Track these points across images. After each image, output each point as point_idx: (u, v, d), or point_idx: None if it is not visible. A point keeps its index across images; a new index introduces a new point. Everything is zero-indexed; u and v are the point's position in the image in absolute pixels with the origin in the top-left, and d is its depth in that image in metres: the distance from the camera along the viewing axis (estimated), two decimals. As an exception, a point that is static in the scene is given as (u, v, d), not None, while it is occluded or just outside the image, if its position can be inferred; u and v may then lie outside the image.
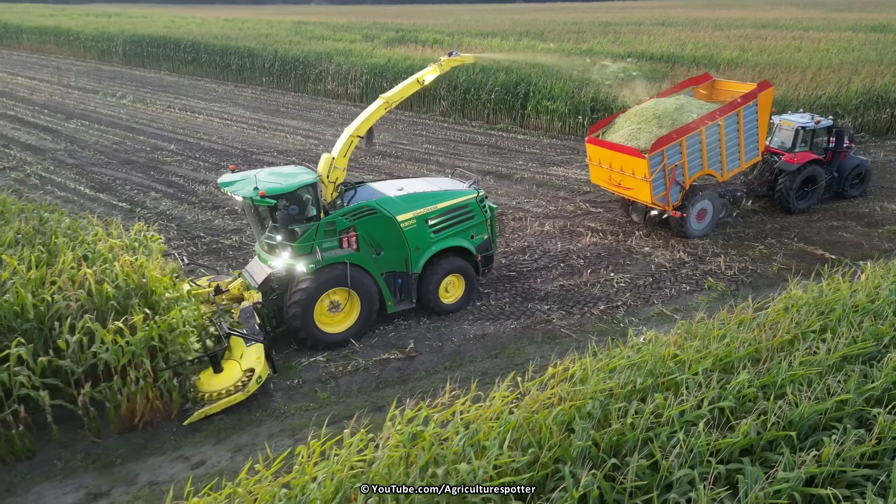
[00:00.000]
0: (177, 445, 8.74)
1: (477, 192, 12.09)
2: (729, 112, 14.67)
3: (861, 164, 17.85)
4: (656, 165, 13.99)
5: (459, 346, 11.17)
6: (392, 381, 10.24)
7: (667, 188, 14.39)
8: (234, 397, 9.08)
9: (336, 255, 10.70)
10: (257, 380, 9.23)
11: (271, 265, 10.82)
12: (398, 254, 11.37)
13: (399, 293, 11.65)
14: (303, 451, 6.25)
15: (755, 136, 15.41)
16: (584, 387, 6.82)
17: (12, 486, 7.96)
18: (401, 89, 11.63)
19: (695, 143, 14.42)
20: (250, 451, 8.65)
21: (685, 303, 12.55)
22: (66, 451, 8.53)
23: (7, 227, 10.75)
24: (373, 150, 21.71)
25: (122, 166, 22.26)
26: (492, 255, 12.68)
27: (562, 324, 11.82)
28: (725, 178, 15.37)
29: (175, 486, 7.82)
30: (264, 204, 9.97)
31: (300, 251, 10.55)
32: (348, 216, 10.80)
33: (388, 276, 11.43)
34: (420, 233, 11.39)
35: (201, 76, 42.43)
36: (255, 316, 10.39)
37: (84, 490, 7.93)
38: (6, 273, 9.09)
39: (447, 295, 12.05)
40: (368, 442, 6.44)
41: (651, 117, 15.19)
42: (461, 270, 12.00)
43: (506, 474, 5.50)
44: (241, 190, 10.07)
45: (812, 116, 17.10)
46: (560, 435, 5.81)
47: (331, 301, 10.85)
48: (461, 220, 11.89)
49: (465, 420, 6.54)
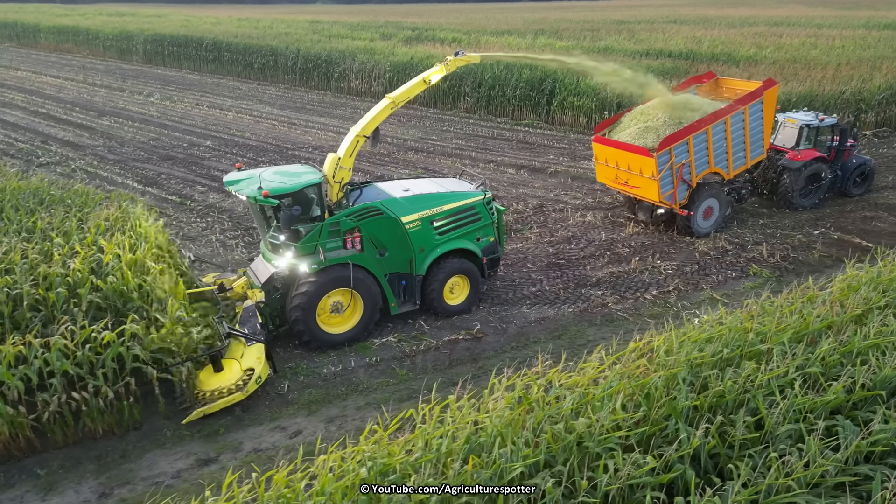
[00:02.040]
0: (272, 417, 9.28)
1: (484, 194, 11.97)
2: (735, 110, 14.72)
3: (865, 164, 17.81)
4: (664, 164, 14.05)
5: (522, 328, 11.70)
6: (463, 359, 10.77)
7: (674, 187, 14.47)
8: (234, 397, 9.03)
9: (339, 256, 10.64)
10: (257, 380, 9.19)
11: (275, 264, 10.78)
12: (403, 255, 11.27)
13: (403, 294, 11.56)
14: (414, 414, 6.77)
15: (760, 134, 15.46)
16: (670, 357, 7.34)
17: (126, 453, 8.51)
18: (407, 89, 11.42)
19: (702, 142, 14.48)
20: (341, 421, 9.20)
21: (733, 288, 13.06)
22: (169, 422, 9.08)
23: (94, 215, 11.28)
24: (378, 148, 21.14)
25: (163, 161, 22.82)
26: (498, 258, 12.63)
27: (617, 308, 12.34)
28: (731, 175, 15.47)
29: (280, 453, 8.40)
30: (268, 204, 9.87)
31: (303, 251, 10.49)
32: (353, 217, 10.71)
33: (392, 277, 11.35)
34: (425, 234, 11.31)
35: (223, 75, 42.97)
36: (257, 315, 10.36)
37: (194, 456, 8.48)
38: (108, 256, 9.63)
39: (452, 296, 11.96)
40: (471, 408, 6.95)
41: (657, 116, 15.27)
42: (466, 272, 11.90)
43: (620, 429, 6.02)
44: (245, 189, 10.02)
45: (816, 114, 17.21)
46: (666, 397, 6.32)
47: (333, 302, 10.79)
48: (467, 222, 11.78)
49: (564, 386, 7.07)
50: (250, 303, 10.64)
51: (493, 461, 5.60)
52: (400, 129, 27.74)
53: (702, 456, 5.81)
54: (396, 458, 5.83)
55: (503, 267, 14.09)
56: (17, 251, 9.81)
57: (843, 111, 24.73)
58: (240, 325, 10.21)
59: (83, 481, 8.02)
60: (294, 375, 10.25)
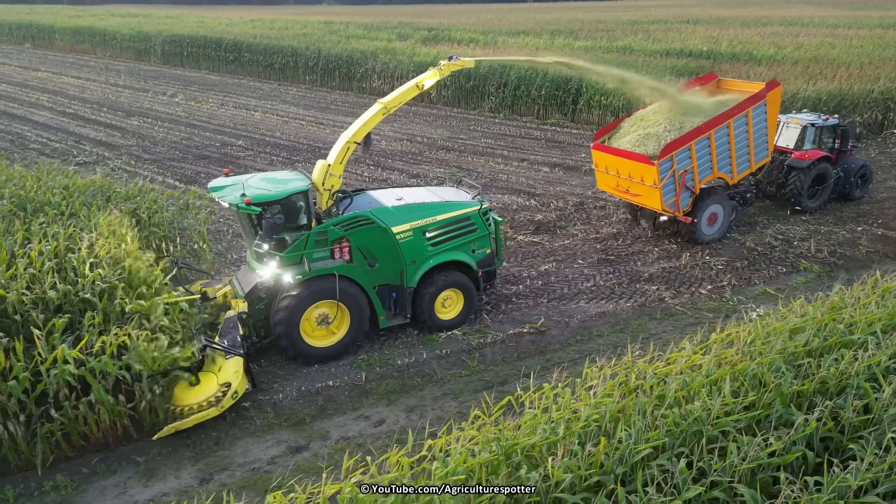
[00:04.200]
0: (354, 406, 9.49)
1: (480, 204, 11.45)
2: (738, 113, 14.22)
3: (865, 165, 17.58)
4: (666, 171, 13.55)
5: (583, 322, 11.88)
6: (530, 352, 10.97)
7: (677, 194, 14.00)
8: (207, 413, 8.62)
9: (325, 267, 10.17)
10: (233, 395, 8.80)
11: (259, 274, 10.35)
12: (393, 266, 10.79)
13: (393, 307, 11.07)
14: (513, 401, 6.98)
15: (765, 137, 15.03)
16: (761, 347, 7.53)
17: (219, 440, 8.71)
18: (399, 94, 11.10)
19: (704, 147, 14.03)
20: (421, 411, 9.40)
21: (785, 283, 13.24)
22: (257, 410, 9.29)
23: (162, 215, 11.51)
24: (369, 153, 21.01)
25: (199, 160, 23.05)
26: (494, 271, 12.08)
27: (674, 302, 12.52)
28: (735, 180, 15.00)
29: (366, 441, 8.62)
30: (250, 211, 9.52)
31: (289, 261, 10.07)
32: (341, 226, 10.27)
33: (382, 288, 10.85)
34: (417, 245, 10.84)
35: (243, 75, 43.23)
36: (238, 327, 9.92)
37: (285, 444, 8.69)
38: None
39: (444, 310, 11.41)
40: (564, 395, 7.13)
41: (657, 121, 14.84)
42: (460, 285, 11.35)
43: (730, 414, 6.21)
44: (228, 196, 9.64)
45: (819, 115, 17.02)
46: (773, 382, 6.51)
47: (319, 314, 10.29)
48: (462, 233, 11.30)
49: (658, 375, 7.27)
50: (233, 313, 10.26)
51: (618, 442, 5.80)
52: (428, 129, 27.96)
53: (815, 438, 6.00)
54: (521, 440, 6.02)
55: (553, 263, 14.31)
56: (100, 245, 10.02)
57: (871, 110, 24.91)
58: (220, 336, 9.84)
59: (182, 468, 8.23)
60: (369, 367, 10.45)
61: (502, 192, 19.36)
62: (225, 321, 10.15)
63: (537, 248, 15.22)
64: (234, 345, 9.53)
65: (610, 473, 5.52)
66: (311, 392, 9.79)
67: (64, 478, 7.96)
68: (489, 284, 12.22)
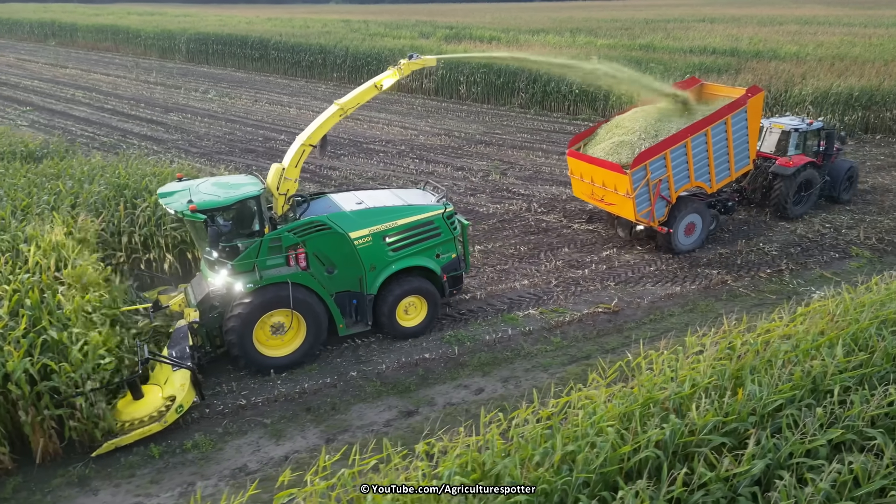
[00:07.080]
0: (452, 377, 10.10)
1: (444, 208, 11.09)
2: (716, 121, 13.77)
3: (852, 167, 17.31)
4: (639, 181, 13.17)
5: (653, 302, 12.47)
6: (608, 330, 11.56)
7: (651, 203, 13.59)
8: (150, 428, 8.37)
9: (279, 274, 9.86)
10: (177, 409, 8.50)
11: (210, 282, 10.05)
12: (352, 273, 10.49)
13: (354, 314, 10.79)
14: (624, 367, 7.56)
15: (745, 145, 14.58)
16: (853, 315, 8.11)
17: (335, 405, 9.34)
18: (357, 95, 10.81)
19: (681, 156, 13.61)
20: (516, 381, 9.99)
21: (840, 267, 13.81)
22: (364, 380, 9.92)
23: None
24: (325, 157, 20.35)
25: (246, 154, 23.67)
26: (461, 275, 11.67)
27: (737, 285, 13.10)
28: (714, 189, 14.57)
29: (471, 407, 9.21)
30: (194, 219, 9.19)
31: (240, 269, 9.74)
32: (296, 232, 9.97)
33: (341, 295, 10.56)
34: (376, 251, 10.52)
35: (269, 73, 43.88)
36: (188, 337, 9.63)
37: (396, 409, 9.30)
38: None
39: (406, 317, 11.08)
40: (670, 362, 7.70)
41: (632, 129, 14.51)
42: (422, 292, 11.02)
43: (846, 371, 6.80)
44: (174, 203, 9.35)
45: (803, 119, 16.67)
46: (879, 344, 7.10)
47: (273, 323, 9.96)
48: (425, 238, 10.95)
49: (762, 340, 7.85)
50: (183, 323, 10.01)
51: (752, 394, 6.38)
52: (462, 125, 28.54)
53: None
54: (655, 393, 6.61)
55: (614, 249, 14.89)
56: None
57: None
58: (169, 347, 9.56)
59: (306, 429, 8.85)
60: (458, 342, 11.05)
61: (549, 183, 19.95)
62: (175, 331, 9.85)
63: (594, 235, 15.80)
64: (183, 356, 9.14)
65: (746, 420, 6.11)
66: (411, 363, 10.41)
67: (202, 437, 8.58)
68: (456, 290, 11.79)
